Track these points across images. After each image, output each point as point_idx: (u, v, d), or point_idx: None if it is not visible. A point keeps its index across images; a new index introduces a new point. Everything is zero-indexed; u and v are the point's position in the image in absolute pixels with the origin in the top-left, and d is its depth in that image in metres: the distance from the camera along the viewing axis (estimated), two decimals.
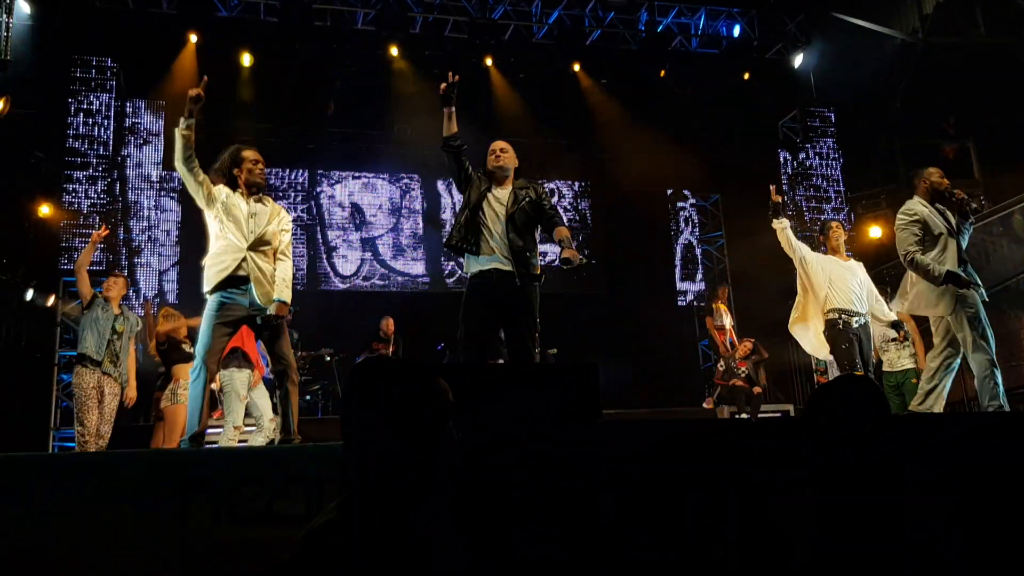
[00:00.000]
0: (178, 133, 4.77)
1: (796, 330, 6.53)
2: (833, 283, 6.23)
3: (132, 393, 7.01)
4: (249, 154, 5.02)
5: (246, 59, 11.45)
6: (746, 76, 12.87)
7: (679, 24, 12.68)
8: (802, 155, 12.61)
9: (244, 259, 4.78)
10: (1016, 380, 9.44)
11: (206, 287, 4.81)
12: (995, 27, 13.10)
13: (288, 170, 12.82)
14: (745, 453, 3.11)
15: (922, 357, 8.24)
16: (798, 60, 12.76)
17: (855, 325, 6.13)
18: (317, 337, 10.46)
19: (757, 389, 9.87)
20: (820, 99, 12.93)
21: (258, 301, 4.78)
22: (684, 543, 2.89)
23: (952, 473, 3.06)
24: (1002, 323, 9.29)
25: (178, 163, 4.78)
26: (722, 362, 10.30)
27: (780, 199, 6.63)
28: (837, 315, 6.17)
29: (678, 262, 14.18)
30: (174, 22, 10.96)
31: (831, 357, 6.49)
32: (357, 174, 13.15)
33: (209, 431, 5.62)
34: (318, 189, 12.96)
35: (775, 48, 12.90)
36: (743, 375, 10.03)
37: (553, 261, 13.69)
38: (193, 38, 11.11)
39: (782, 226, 6.45)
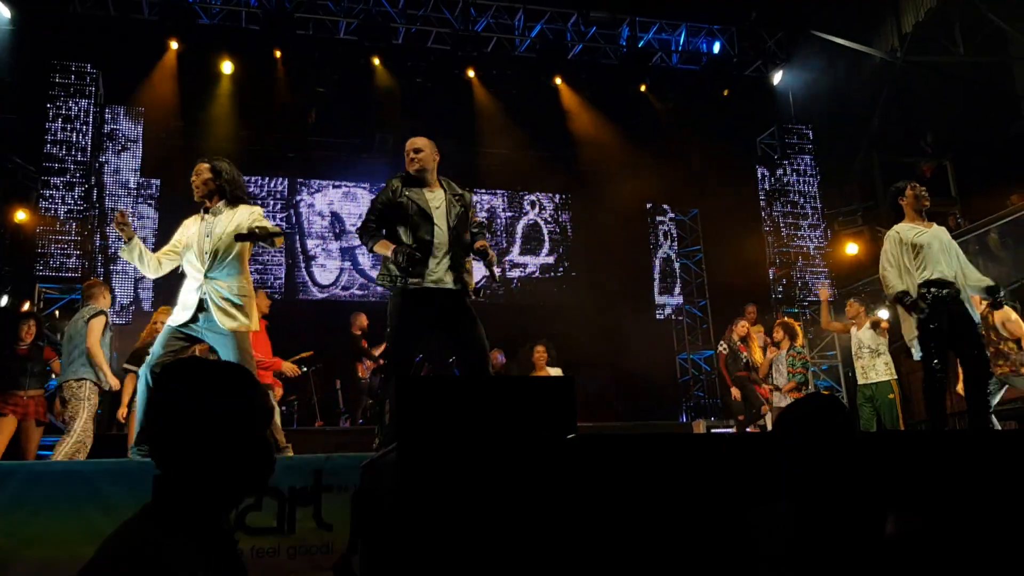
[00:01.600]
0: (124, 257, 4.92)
1: None
2: None
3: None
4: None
5: (227, 67, 11.43)
6: (725, 92, 12.99)
7: (660, 40, 12.79)
8: (780, 171, 12.71)
9: (200, 287, 4.82)
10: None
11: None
12: (973, 46, 13.30)
13: (268, 179, 12.79)
14: (720, 468, 3.13)
15: (891, 368, 8.28)
16: (777, 77, 12.90)
17: None
18: (293, 347, 10.40)
19: (765, 407, 9.21)
20: (798, 116, 13.05)
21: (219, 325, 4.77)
22: (655, 558, 2.90)
23: (918, 491, 3.09)
24: None
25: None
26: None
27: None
28: None
29: (656, 275, 14.25)
30: (155, 28, 10.92)
31: None
32: (337, 183, 13.12)
33: None
34: (298, 198, 12.93)
35: (754, 65, 13.03)
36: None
37: (533, 273, 13.73)
38: (174, 45, 11.07)
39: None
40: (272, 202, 12.73)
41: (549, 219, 13.99)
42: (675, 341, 14.05)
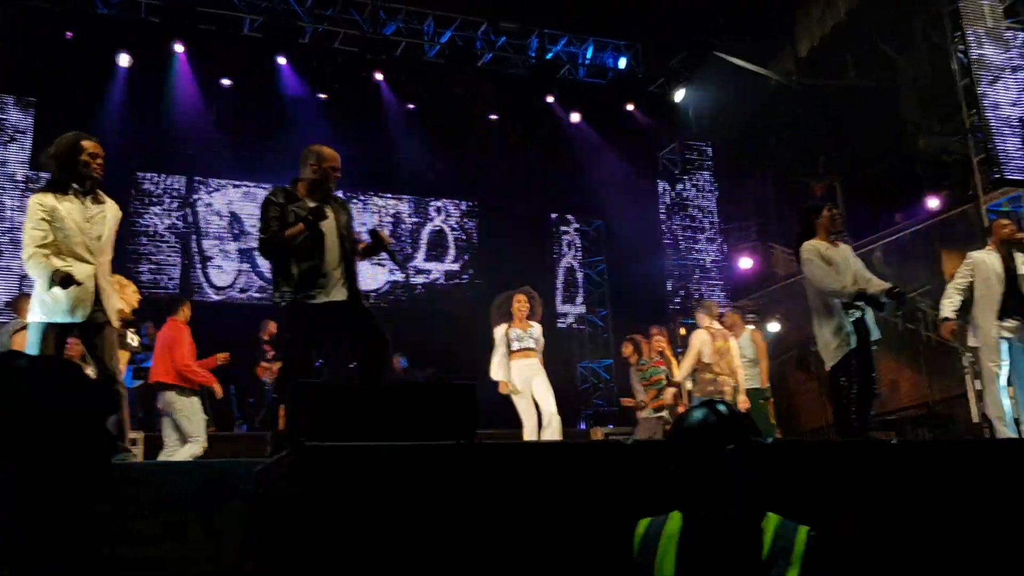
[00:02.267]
0: None
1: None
2: None
3: None
4: (89, 144, 4.58)
5: (124, 59, 11.02)
6: (630, 107, 13.28)
7: (568, 53, 12.99)
8: (680, 186, 13.05)
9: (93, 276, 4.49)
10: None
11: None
12: (863, 71, 13.96)
13: (163, 175, 12.36)
14: (614, 476, 3.18)
15: (764, 376, 8.51)
16: (679, 95, 13.25)
17: None
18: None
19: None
20: (699, 133, 13.43)
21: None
22: (551, 566, 2.93)
23: (807, 498, 3.21)
24: None
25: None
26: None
27: None
28: None
29: (559, 285, 14.39)
30: (50, 18, 10.45)
31: None
32: (237, 183, 12.78)
33: None
34: (195, 196, 12.54)
35: (658, 82, 13.36)
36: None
37: (437, 279, 13.69)
38: (68, 34, 10.62)
39: None
40: (168, 200, 12.31)
41: (455, 226, 13.98)
42: (576, 349, 14.22)
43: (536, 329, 7.33)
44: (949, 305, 6.30)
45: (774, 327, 12.94)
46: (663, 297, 12.73)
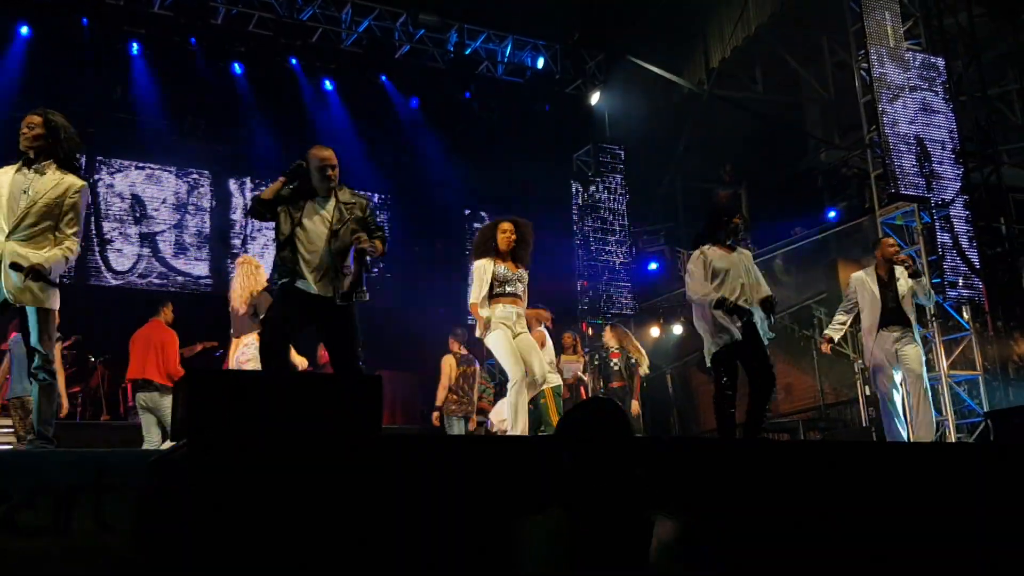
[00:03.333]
0: None
1: None
2: None
3: None
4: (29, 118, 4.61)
5: (24, 30, 10.55)
6: (546, 107, 13.40)
7: (487, 50, 13.01)
8: (592, 188, 13.22)
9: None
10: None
11: None
12: (771, 84, 14.40)
13: None
14: (499, 472, 3.21)
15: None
16: (595, 98, 13.42)
17: None
18: (87, 336, 9.72)
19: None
20: (612, 136, 13.62)
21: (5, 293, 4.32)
22: (439, 563, 2.94)
23: (689, 494, 3.30)
24: None
25: None
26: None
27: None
28: None
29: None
30: None
31: None
32: (141, 164, 12.36)
33: None
34: (96, 176, 12.06)
35: (575, 83, 13.51)
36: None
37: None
38: None
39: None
40: None
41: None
42: (484, 346, 14.24)
43: (525, 274, 6.15)
44: (832, 325, 7.01)
45: (677, 330, 13.24)
46: (573, 297, 12.88)
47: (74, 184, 4.47)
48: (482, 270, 5.98)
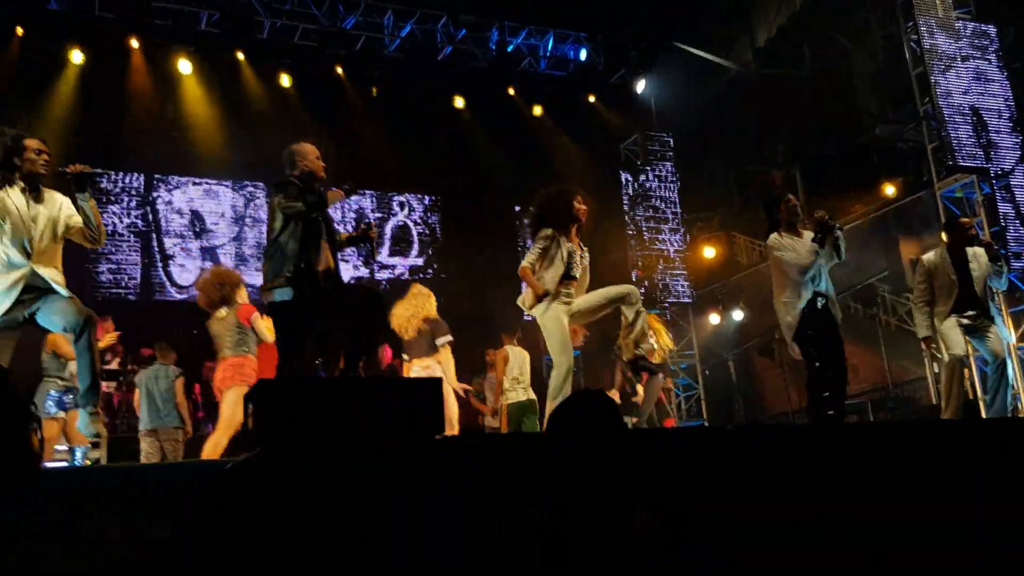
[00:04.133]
0: None
1: None
2: None
3: None
4: (32, 143, 4.47)
5: (76, 56, 10.85)
6: (591, 99, 13.33)
7: (528, 45, 12.99)
8: (642, 177, 13.12)
9: (28, 275, 4.33)
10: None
11: None
12: (820, 61, 14.13)
13: (122, 173, 12.18)
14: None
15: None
16: (640, 86, 13.31)
17: None
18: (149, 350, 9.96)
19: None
20: (660, 124, 13.50)
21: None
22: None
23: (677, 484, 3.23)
24: None
25: None
26: None
27: None
28: None
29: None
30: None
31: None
32: (197, 180, 12.64)
33: None
34: (155, 194, 12.37)
35: (619, 73, 13.40)
36: None
37: (402, 274, 13.64)
38: (19, 30, 10.44)
39: None
40: (127, 198, 12.14)
41: (418, 220, 13.94)
42: (541, 343, 14.23)
43: (587, 257, 5.38)
44: (922, 324, 6.40)
45: (737, 315, 13.10)
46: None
47: (62, 197, 4.55)
48: (554, 243, 5.19)
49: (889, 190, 12.40)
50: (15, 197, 4.38)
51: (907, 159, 12.49)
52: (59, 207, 4.51)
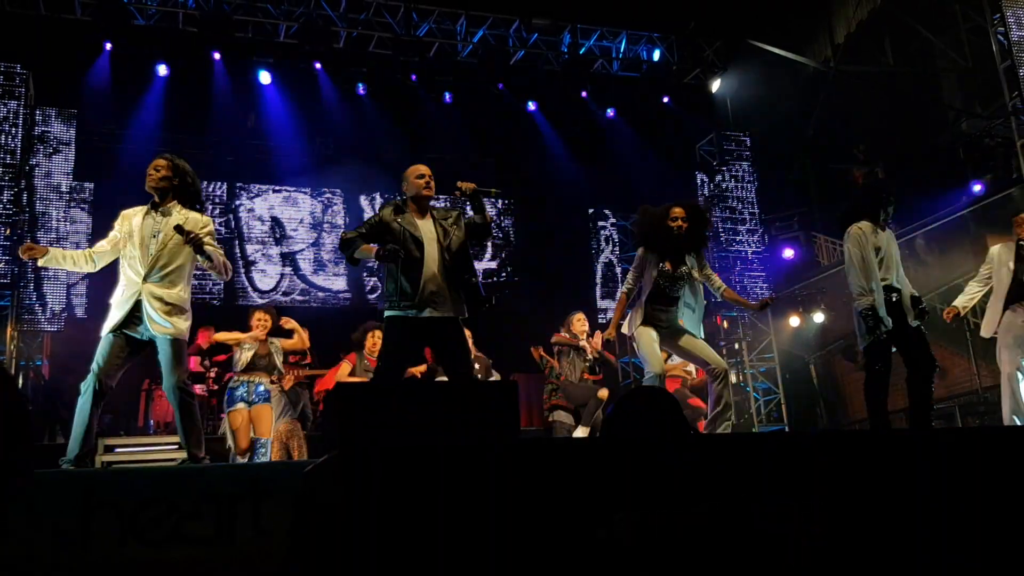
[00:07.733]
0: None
1: None
2: None
3: None
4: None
5: (163, 69, 11.25)
6: (665, 99, 13.21)
7: (601, 47, 12.95)
8: (718, 177, 12.93)
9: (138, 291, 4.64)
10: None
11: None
12: (902, 56, 13.72)
13: (206, 183, 12.55)
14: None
15: None
16: (715, 85, 13.12)
17: None
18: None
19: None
20: (736, 123, 13.29)
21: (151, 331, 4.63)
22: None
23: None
24: None
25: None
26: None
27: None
28: None
29: (598, 280, 14.35)
30: (88, 29, 10.69)
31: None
32: (277, 187, 12.96)
33: None
34: (237, 202, 12.74)
35: (693, 73, 13.25)
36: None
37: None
38: (108, 46, 10.89)
39: None
40: (211, 207, 12.51)
41: (492, 224, 14.01)
42: (617, 346, 14.16)
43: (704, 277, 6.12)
44: (962, 295, 6.52)
45: (819, 317, 12.79)
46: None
47: (200, 219, 4.78)
48: (643, 263, 5.77)
49: (976, 187, 11.94)
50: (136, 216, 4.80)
51: (995, 155, 12.02)
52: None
